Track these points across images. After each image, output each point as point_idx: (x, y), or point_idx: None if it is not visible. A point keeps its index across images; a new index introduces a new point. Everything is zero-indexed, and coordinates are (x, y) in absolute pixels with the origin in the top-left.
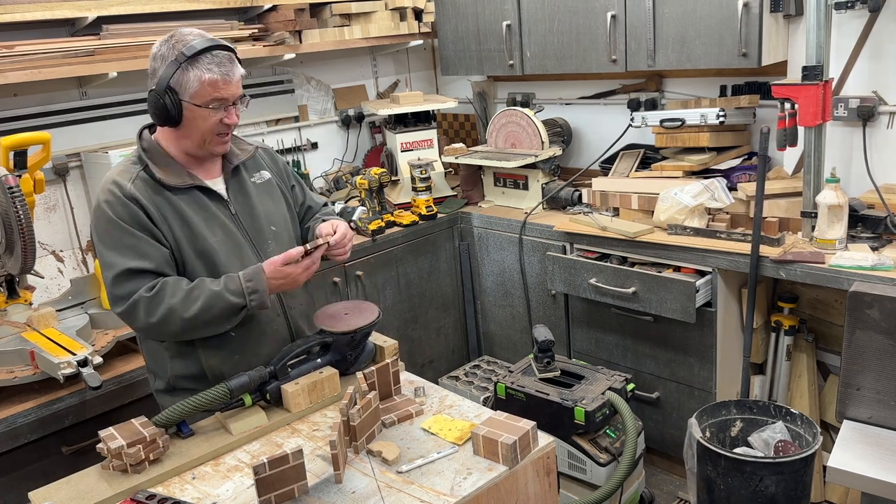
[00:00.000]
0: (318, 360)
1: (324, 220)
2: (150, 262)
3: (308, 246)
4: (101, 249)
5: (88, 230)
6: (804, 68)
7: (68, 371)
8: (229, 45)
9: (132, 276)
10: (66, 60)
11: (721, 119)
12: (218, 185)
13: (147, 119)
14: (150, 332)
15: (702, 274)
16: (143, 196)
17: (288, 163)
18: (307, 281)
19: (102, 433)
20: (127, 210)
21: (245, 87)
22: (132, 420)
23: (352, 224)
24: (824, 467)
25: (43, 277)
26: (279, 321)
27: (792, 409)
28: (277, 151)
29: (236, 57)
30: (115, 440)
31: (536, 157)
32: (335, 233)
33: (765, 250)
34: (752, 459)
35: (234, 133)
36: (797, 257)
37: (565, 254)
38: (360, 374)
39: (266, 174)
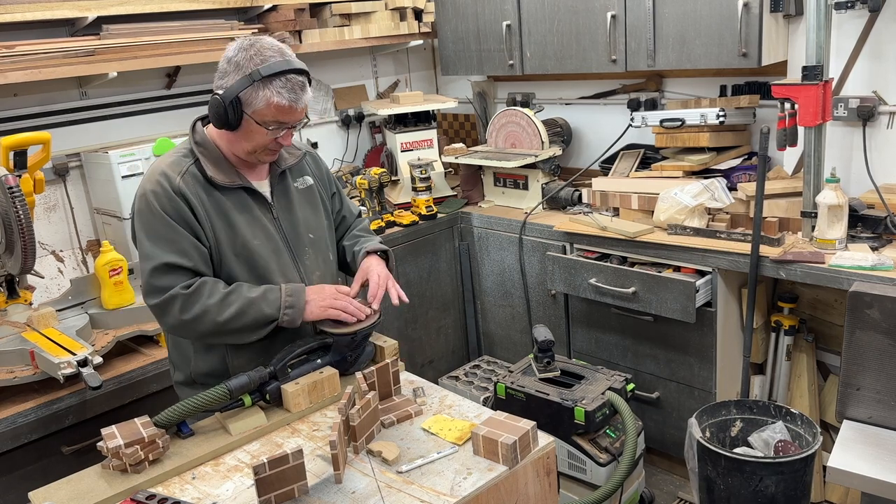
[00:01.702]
0: (318, 361)
1: (365, 252)
2: (189, 260)
3: (360, 317)
4: (141, 237)
5: (88, 230)
6: (804, 68)
7: (68, 371)
8: (304, 67)
9: (170, 270)
10: (66, 60)
11: (721, 119)
12: (264, 187)
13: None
14: (180, 329)
15: (702, 274)
16: (191, 192)
17: None
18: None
19: (105, 431)
20: (173, 204)
21: None
22: (135, 419)
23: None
24: (824, 467)
25: (43, 277)
26: (308, 328)
27: (792, 409)
28: None
29: (309, 80)
30: (114, 439)
31: (536, 157)
32: (364, 284)
33: (765, 250)
34: (752, 459)
35: None
36: (797, 257)
37: (565, 254)
38: (359, 375)
39: (309, 179)
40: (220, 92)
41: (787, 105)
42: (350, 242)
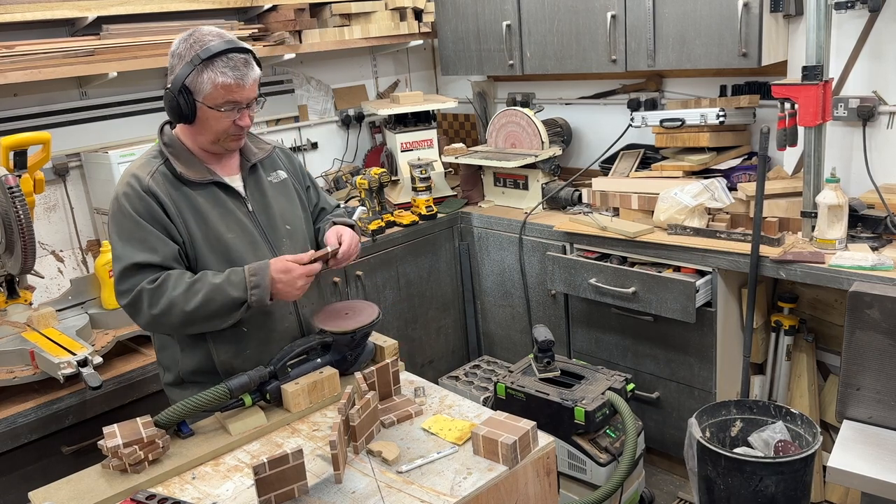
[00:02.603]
0: (318, 360)
1: (334, 223)
2: (157, 256)
3: (313, 254)
4: (114, 240)
5: (88, 230)
6: (804, 68)
7: (68, 371)
8: (247, 46)
9: (139, 270)
10: (66, 60)
11: (721, 119)
12: (236, 181)
13: (165, 115)
14: (153, 324)
15: (702, 274)
16: (161, 190)
17: None
18: (315, 284)
19: (106, 430)
20: (143, 203)
21: None
22: (136, 419)
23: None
24: (824, 467)
25: (43, 277)
26: (290, 318)
27: (792, 409)
28: None
29: (254, 58)
30: (114, 438)
31: (536, 157)
32: (341, 242)
33: (765, 250)
34: (752, 459)
35: (252, 132)
36: (797, 257)
37: (565, 254)
38: (358, 375)
39: (282, 173)
40: (169, 85)
41: (787, 105)
42: (321, 224)
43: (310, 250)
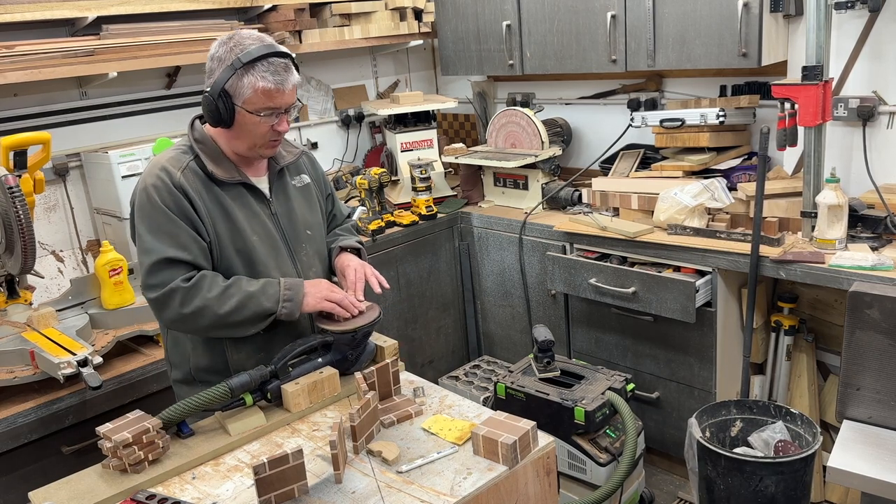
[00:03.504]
0: (319, 360)
1: (341, 249)
2: (189, 254)
3: (353, 312)
4: (140, 232)
5: (88, 230)
6: (804, 68)
7: (68, 371)
8: (286, 51)
9: (170, 265)
10: (66, 60)
11: (721, 119)
12: (262, 183)
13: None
14: (179, 323)
15: (702, 274)
16: (191, 187)
17: None
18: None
19: (101, 429)
20: (173, 198)
21: None
22: (127, 414)
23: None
24: (824, 467)
25: (43, 277)
26: (305, 323)
27: (792, 409)
28: None
29: (293, 63)
30: (115, 435)
31: (536, 157)
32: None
33: (765, 250)
34: (752, 459)
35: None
36: (797, 257)
37: (565, 254)
38: (358, 375)
39: (306, 178)
40: (208, 89)
41: (787, 105)
42: (329, 240)
43: (325, 257)
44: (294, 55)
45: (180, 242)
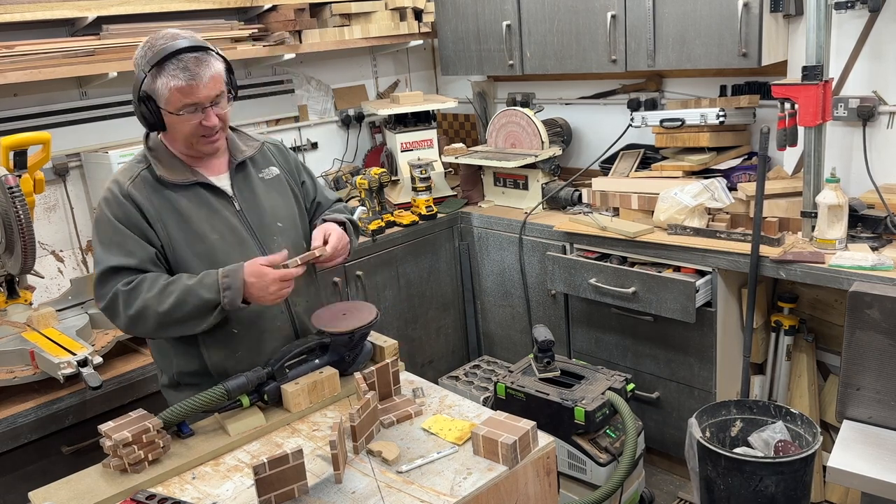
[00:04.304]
0: (317, 361)
1: (324, 220)
2: (134, 260)
3: (285, 256)
4: (95, 245)
5: (88, 230)
6: (804, 68)
7: (68, 371)
8: (201, 43)
9: (115, 273)
10: (66, 60)
11: (721, 119)
12: (222, 181)
13: None
14: (129, 326)
15: (702, 274)
16: (141, 194)
17: None
18: (313, 283)
19: (102, 427)
20: (122, 208)
21: (245, 87)
22: (130, 413)
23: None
24: (824, 467)
25: (43, 277)
26: (283, 318)
27: (792, 409)
28: None
29: (213, 53)
30: (116, 433)
31: (536, 157)
32: (327, 241)
33: (765, 250)
34: (752, 459)
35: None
36: (797, 257)
37: (565, 254)
38: (358, 375)
39: (274, 170)
40: (134, 93)
41: (787, 105)
42: (317, 221)
43: (305, 248)
44: (210, 45)
45: (126, 250)
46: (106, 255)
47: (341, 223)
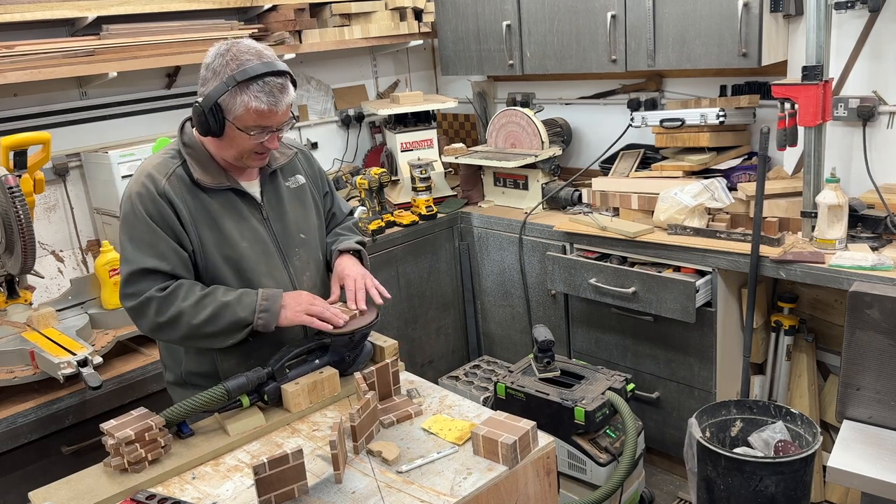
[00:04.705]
0: (317, 362)
1: (338, 251)
2: (167, 264)
3: (338, 305)
4: (123, 241)
5: (88, 230)
6: (804, 68)
7: (68, 371)
8: (284, 68)
9: (147, 275)
10: (66, 60)
11: (721, 119)
12: (253, 187)
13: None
14: (156, 331)
15: (702, 274)
16: (177, 195)
17: None
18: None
19: (105, 426)
20: (156, 207)
21: None
22: (132, 411)
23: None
24: (824, 467)
25: (43, 277)
26: (296, 329)
27: (792, 409)
28: None
29: (291, 80)
30: (118, 432)
31: (536, 157)
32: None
33: (765, 250)
34: (752, 459)
35: None
36: (797, 257)
37: (565, 254)
38: (358, 375)
39: (301, 178)
40: (200, 99)
41: (787, 105)
42: (330, 240)
43: (322, 262)
44: (291, 71)
45: (159, 252)
46: (138, 254)
47: (358, 251)
